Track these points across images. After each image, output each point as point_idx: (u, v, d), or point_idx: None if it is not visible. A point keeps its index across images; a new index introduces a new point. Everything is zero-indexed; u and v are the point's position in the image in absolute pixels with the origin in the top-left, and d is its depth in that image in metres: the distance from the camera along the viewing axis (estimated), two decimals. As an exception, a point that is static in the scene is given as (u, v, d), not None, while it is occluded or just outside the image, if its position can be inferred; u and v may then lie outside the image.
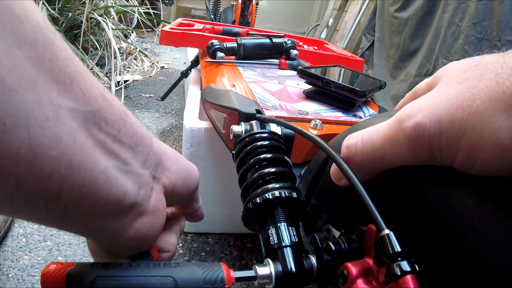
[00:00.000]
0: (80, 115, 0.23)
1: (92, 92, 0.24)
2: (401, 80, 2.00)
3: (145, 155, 0.28)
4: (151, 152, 0.29)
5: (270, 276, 0.32)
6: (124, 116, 0.27)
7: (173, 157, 0.33)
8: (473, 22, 1.56)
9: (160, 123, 1.74)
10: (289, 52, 1.04)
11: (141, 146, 0.28)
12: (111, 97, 0.26)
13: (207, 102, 0.72)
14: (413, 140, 0.25)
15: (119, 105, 0.27)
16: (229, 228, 1.05)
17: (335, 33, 2.89)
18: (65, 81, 0.22)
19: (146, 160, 0.29)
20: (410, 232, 0.27)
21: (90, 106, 0.23)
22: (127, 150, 0.27)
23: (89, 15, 1.94)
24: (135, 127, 0.28)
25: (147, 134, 0.30)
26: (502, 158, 0.21)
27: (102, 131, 0.24)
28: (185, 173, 0.34)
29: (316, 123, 0.61)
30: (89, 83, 0.24)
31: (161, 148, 0.32)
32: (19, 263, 0.84)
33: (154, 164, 0.30)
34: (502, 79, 0.22)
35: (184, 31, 1.20)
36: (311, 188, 0.41)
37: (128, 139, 0.27)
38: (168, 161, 0.32)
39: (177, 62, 2.95)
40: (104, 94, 0.25)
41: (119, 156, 0.26)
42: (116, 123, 0.26)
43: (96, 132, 0.24)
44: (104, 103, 0.25)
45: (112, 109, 0.25)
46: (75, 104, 0.22)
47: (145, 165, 0.29)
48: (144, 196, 0.28)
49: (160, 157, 0.31)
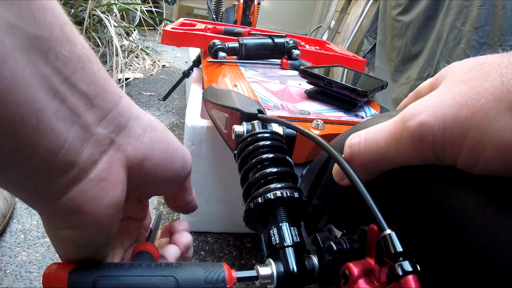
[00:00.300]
0: (23, 36, 0.19)
1: (46, 17, 0.20)
2: (402, 83, 2.00)
3: (104, 111, 0.24)
4: (115, 111, 0.25)
5: (271, 276, 0.32)
6: (84, 59, 0.22)
7: (151, 127, 0.28)
8: (475, 27, 1.56)
9: (161, 121, 1.73)
10: (291, 52, 1.04)
11: (101, 100, 0.24)
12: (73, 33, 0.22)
13: (208, 102, 0.72)
14: (417, 139, 0.25)
15: (82, 46, 0.23)
16: (229, 227, 1.05)
17: (337, 35, 2.89)
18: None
19: (105, 118, 0.24)
20: (411, 232, 0.27)
21: (39, 31, 0.20)
22: (79, 98, 0.22)
23: (91, 12, 1.94)
24: (97, 76, 0.23)
25: (115, 90, 0.25)
26: (505, 158, 0.21)
27: (50, 66, 0.20)
28: (165, 149, 0.29)
29: (318, 123, 0.61)
30: (46, 7, 0.20)
31: (132, 112, 0.27)
32: (17, 259, 0.84)
33: (116, 126, 0.25)
34: (507, 78, 0.22)
35: (186, 31, 1.20)
36: (313, 188, 0.41)
37: (84, 85, 0.22)
38: (141, 128, 0.27)
39: (178, 61, 2.95)
40: (64, 26, 0.21)
41: (67, 101, 0.21)
42: (72, 62, 0.22)
43: (40, 64, 0.20)
44: (60, 35, 0.21)
45: (69, 45, 0.21)
46: (18, 21, 0.19)
47: (102, 123, 0.24)
48: (89, 158, 0.23)
49: (128, 121, 0.26)
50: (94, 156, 0.24)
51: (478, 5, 1.55)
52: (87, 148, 0.23)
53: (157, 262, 0.31)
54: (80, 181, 0.23)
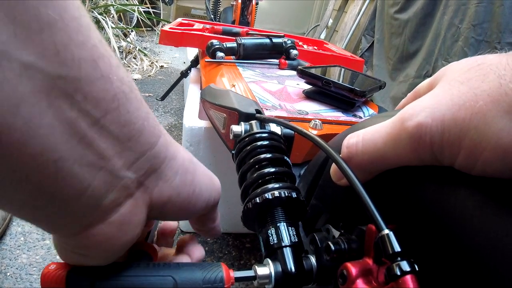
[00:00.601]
0: (42, 78, 0.17)
1: (74, 52, 0.18)
2: (400, 82, 2.00)
3: (137, 154, 0.22)
4: (150, 154, 0.23)
5: (269, 276, 0.32)
6: (121, 97, 0.20)
7: (181, 167, 0.27)
8: (473, 24, 1.56)
9: (159, 122, 1.73)
10: (289, 52, 1.04)
11: (135, 142, 0.22)
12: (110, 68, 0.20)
13: (206, 102, 0.72)
14: (415, 139, 0.24)
15: (120, 82, 0.21)
16: (228, 227, 1.05)
17: (335, 34, 2.89)
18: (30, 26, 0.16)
19: (137, 161, 0.23)
20: (410, 232, 0.27)
21: (64, 70, 0.17)
22: (110, 141, 0.20)
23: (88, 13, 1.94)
24: (135, 116, 0.22)
25: (153, 129, 0.24)
26: (503, 160, 0.21)
27: (76, 109, 0.18)
28: (192, 192, 0.28)
29: (316, 123, 0.61)
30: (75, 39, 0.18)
31: (168, 153, 0.25)
32: (17, 262, 0.84)
33: (148, 168, 0.24)
34: (505, 81, 0.22)
35: (184, 31, 1.20)
36: (311, 188, 0.41)
37: (117, 128, 0.21)
38: (172, 170, 0.26)
39: (176, 62, 2.94)
40: (99, 61, 0.19)
41: (94, 145, 0.20)
42: (104, 103, 0.19)
43: (64, 107, 0.18)
44: (91, 72, 0.19)
45: (102, 83, 0.19)
46: (37, 60, 0.16)
47: (132, 167, 0.22)
48: (114, 201, 0.22)
49: (162, 163, 0.25)
50: (119, 199, 0.22)
51: (476, 2, 1.55)
52: (113, 192, 0.22)
53: (155, 262, 0.31)
54: (101, 222, 0.22)
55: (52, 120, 0.17)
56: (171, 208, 0.27)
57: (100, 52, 0.19)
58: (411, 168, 0.27)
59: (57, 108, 0.17)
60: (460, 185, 0.24)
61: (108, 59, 0.20)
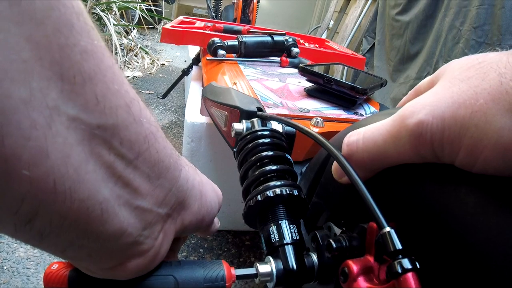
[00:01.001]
0: (85, 128, 0.18)
1: (112, 100, 0.19)
2: (401, 83, 2.00)
3: (166, 190, 0.24)
4: (175, 189, 0.25)
5: (271, 274, 0.32)
6: (150, 138, 0.22)
7: (198, 193, 0.28)
8: (474, 26, 1.56)
9: (160, 119, 1.73)
10: (290, 50, 1.04)
11: (164, 179, 0.23)
12: (140, 111, 0.21)
13: (208, 99, 0.72)
14: (415, 137, 0.24)
15: (148, 123, 0.22)
16: (228, 225, 1.05)
17: (336, 35, 2.89)
18: (75, 80, 0.17)
19: (166, 196, 0.24)
20: (411, 229, 0.27)
21: (103, 119, 0.18)
22: (143, 180, 0.22)
23: (91, 10, 1.94)
24: (163, 154, 0.23)
25: (176, 164, 0.25)
26: (504, 158, 0.21)
27: (113, 153, 0.19)
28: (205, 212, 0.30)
29: (317, 121, 0.61)
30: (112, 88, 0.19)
31: (188, 183, 0.27)
32: (15, 256, 0.84)
33: (175, 202, 0.25)
34: (505, 79, 0.22)
35: (185, 29, 1.20)
36: (312, 186, 0.41)
37: (148, 167, 0.22)
38: (192, 198, 0.27)
39: (177, 60, 2.94)
40: (131, 106, 0.20)
41: (129, 185, 0.21)
42: (137, 145, 0.21)
43: (103, 152, 0.19)
44: (126, 118, 0.20)
45: (135, 127, 0.20)
46: (80, 112, 0.17)
47: (162, 203, 0.24)
48: (148, 237, 0.24)
49: (185, 195, 0.26)
50: (153, 234, 0.24)
51: (477, 4, 1.55)
52: (148, 228, 0.23)
53: None
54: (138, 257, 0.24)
55: (94, 166, 0.18)
56: (189, 228, 0.29)
57: (131, 96, 0.20)
58: (411, 166, 0.27)
59: (98, 155, 0.19)
60: (461, 182, 0.24)
61: (138, 102, 0.21)
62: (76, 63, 0.17)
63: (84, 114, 0.17)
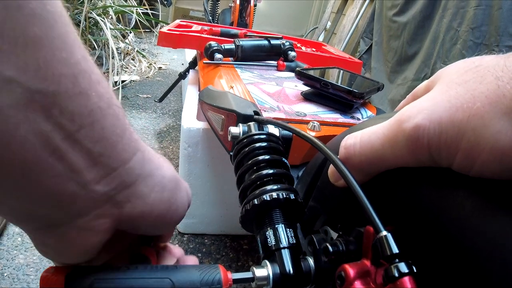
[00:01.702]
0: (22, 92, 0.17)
1: (56, 68, 0.18)
2: (398, 84, 2.00)
3: (108, 169, 0.23)
4: (122, 170, 0.24)
5: (267, 278, 0.32)
6: (97, 113, 0.21)
7: (160, 186, 0.27)
8: (471, 27, 1.57)
9: (157, 123, 1.73)
10: (287, 53, 1.04)
11: (107, 158, 0.22)
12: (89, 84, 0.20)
13: (205, 103, 0.72)
14: (412, 141, 0.24)
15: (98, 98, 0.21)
16: (225, 229, 1.05)
17: (333, 36, 2.90)
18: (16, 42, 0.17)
19: (107, 176, 0.23)
20: (408, 233, 0.27)
21: (44, 85, 0.18)
22: (81, 155, 0.21)
23: (87, 14, 1.94)
24: (109, 132, 0.22)
25: (128, 147, 0.24)
26: (501, 161, 0.21)
27: (51, 122, 0.19)
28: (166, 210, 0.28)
29: (314, 125, 0.61)
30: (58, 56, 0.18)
31: (144, 170, 0.25)
32: (14, 262, 0.83)
33: (119, 184, 0.24)
34: (502, 82, 0.22)
35: (182, 32, 1.20)
36: (309, 189, 0.41)
37: (90, 143, 0.21)
38: (147, 188, 0.26)
39: (174, 63, 2.94)
40: (78, 77, 0.20)
41: (64, 158, 0.20)
42: (79, 118, 0.20)
43: (39, 119, 0.18)
44: (70, 88, 0.19)
45: (79, 99, 0.20)
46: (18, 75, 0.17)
47: (102, 182, 0.23)
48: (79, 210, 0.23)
49: (135, 180, 0.25)
50: (84, 209, 0.23)
51: (475, 5, 1.56)
52: (79, 202, 0.22)
53: (153, 265, 0.31)
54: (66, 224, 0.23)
55: (26, 131, 0.18)
56: (143, 222, 0.27)
57: (81, 68, 0.20)
58: (408, 169, 0.27)
59: (33, 121, 0.18)
60: (458, 186, 0.24)
61: (89, 75, 0.21)
62: (20, 25, 0.17)
63: (22, 77, 0.17)
